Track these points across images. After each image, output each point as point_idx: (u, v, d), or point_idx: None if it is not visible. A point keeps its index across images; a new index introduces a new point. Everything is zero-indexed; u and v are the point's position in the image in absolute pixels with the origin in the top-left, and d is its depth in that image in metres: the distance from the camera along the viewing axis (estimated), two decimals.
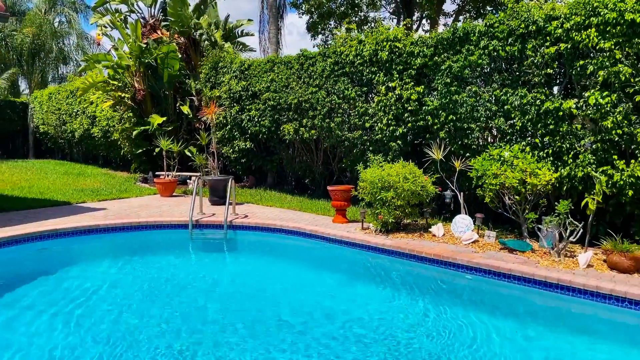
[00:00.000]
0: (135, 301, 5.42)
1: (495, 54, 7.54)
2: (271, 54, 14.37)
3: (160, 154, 13.33)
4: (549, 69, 7.02)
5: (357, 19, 21.91)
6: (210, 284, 6.26)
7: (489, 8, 17.92)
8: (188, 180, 13.43)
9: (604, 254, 5.96)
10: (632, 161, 6.31)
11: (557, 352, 4.34)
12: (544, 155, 7.08)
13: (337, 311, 5.24)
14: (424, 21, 20.41)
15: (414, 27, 20.61)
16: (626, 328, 4.91)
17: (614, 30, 6.29)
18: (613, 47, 6.31)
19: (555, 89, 7.50)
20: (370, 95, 9.71)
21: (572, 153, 6.85)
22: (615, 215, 6.76)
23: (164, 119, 13.68)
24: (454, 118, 8.06)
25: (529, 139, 7.30)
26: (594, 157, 6.60)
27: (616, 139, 6.42)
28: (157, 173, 13.02)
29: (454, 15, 20.68)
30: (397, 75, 8.94)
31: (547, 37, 6.97)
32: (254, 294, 5.75)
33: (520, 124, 7.26)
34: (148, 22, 14.82)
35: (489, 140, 8.16)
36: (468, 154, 8.06)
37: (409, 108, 8.80)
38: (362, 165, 8.57)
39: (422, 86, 8.71)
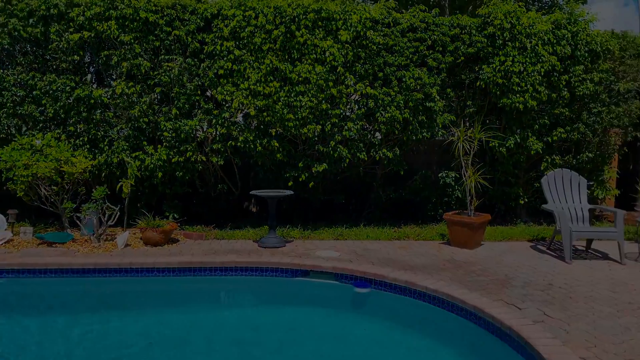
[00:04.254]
0: None
1: (16, 33, 6.83)
2: None
3: None
4: (75, 56, 6.94)
5: None
6: None
7: None
8: None
9: (141, 232, 6.50)
10: (159, 146, 7.10)
11: (94, 330, 4.46)
12: (80, 143, 7.02)
13: None
14: None
15: None
16: (155, 294, 5.52)
17: (132, 25, 6.80)
18: (133, 41, 6.84)
19: (89, 77, 7.53)
20: None
21: (107, 140, 7.08)
22: (151, 196, 7.48)
23: None
24: None
25: (64, 126, 7.07)
26: (127, 144, 7.04)
27: (144, 127, 7.06)
28: None
29: None
30: None
31: (71, 23, 6.85)
32: None
33: (52, 111, 6.91)
34: None
35: (24, 128, 7.41)
36: None
37: None
38: None
39: None
